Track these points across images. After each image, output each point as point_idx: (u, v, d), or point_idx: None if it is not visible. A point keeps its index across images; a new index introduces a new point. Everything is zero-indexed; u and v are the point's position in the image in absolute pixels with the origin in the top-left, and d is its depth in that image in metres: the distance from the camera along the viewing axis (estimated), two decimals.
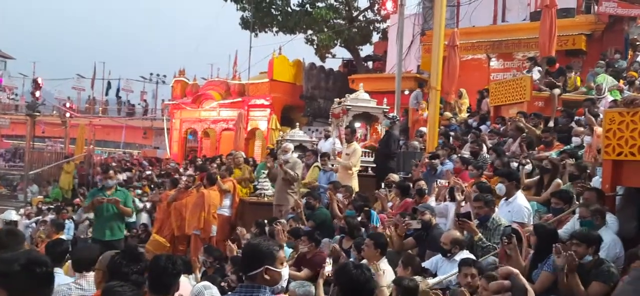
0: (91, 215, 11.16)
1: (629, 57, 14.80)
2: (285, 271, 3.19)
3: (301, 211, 8.66)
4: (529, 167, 7.93)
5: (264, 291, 3.01)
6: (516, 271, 1.34)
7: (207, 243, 9.36)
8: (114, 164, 22.89)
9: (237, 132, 21.30)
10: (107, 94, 47.33)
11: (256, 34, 25.87)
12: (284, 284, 3.21)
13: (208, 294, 4.31)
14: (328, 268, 5.26)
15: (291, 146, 10.99)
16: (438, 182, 8.21)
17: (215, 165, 13.34)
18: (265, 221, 8.65)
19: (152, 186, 17.77)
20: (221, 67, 28.11)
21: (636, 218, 5.75)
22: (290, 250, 7.52)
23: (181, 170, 18.80)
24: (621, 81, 12.04)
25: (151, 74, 47.34)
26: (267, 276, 3.03)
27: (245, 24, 25.99)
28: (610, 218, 5.40)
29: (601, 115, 8.03)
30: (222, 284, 6.17)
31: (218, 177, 11.02)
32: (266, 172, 11.72)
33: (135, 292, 3.27)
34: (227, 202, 10.98)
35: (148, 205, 14.81)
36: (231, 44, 31.82)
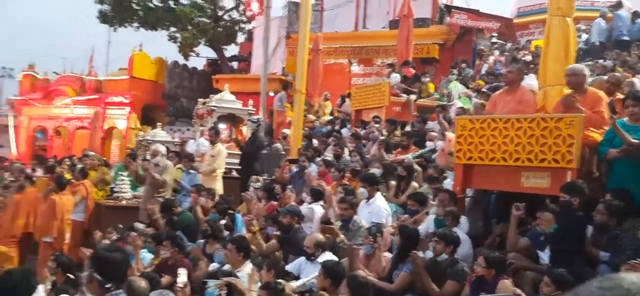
0: None
1: (477, 66, 16.07)
2: None
3: (158, 217, 8.25)
4: (378, 171, 8.21)
5: None
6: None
7: (58, 251, 8.65)
8: None
9: (93, 131, 19.88)
10: None
11: (115, 29, 24.49)
12: None
13: None
14: (182, 279, 4.64)
15: (162, 148, 10.36)
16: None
17: (66, 167, 12.31)
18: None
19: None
20: (76, 63, 26.08)
21: (482, 218, 6.21)
22: (151, 256, 7.18)
23: (29, 170, 17.23)
24: (469, 89, 13.01)
25: None
26: None
27: (103, 18, 24.45)
28: (462, 219, 5.76)
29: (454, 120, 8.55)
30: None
31: (72, 181, 10.26)
32: (125, 173, 11.07)
33: None
34: (80, 206, 10.23)
35: None
36: (88, 38, 29.76)
